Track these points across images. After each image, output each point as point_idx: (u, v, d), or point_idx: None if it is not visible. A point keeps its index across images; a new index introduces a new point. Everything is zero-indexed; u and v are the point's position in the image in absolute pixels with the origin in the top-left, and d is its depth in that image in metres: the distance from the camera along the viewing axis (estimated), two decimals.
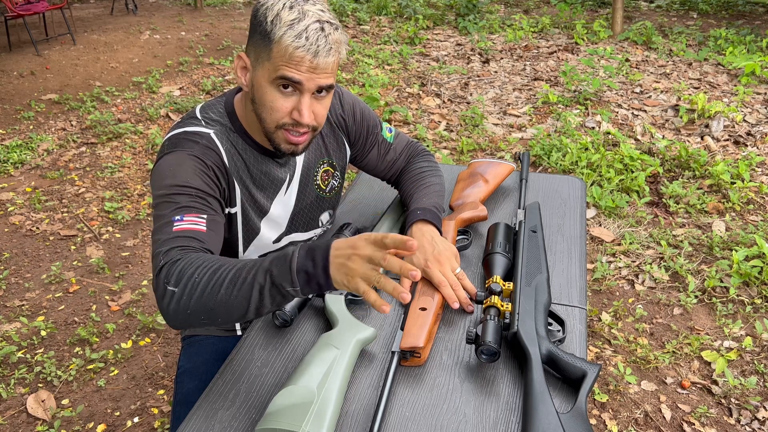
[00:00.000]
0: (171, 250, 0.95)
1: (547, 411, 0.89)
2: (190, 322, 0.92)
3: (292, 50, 1.01)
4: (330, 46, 1.03)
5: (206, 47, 6.18)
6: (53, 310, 2.59)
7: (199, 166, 1.09)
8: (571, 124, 3.99)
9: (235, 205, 1.20)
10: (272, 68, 1.04)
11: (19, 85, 5.20)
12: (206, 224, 1.02)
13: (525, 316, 1.04)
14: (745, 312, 2.41)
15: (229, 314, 0.89)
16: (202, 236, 1.00)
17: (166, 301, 0.91)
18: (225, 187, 1.15)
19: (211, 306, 0.88)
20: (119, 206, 3.34)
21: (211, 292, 0.88)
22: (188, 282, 0.89)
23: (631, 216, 3.05)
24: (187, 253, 0.95)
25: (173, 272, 0.91)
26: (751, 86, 4.62)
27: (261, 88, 1.08)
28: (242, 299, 0.87)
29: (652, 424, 1.97)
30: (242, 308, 0.88)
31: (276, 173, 1.25)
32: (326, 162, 1.35)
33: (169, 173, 1.06)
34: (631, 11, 7.27)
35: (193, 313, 0.90)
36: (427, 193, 1.33)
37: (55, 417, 2.06)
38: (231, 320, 0.90)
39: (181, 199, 1.03)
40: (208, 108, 1.20)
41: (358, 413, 0.97)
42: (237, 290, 0.87)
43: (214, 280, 0.88)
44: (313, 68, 1.03)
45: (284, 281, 0.86)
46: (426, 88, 4.93)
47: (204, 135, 1.14)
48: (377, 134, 1.40)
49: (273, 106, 1.07)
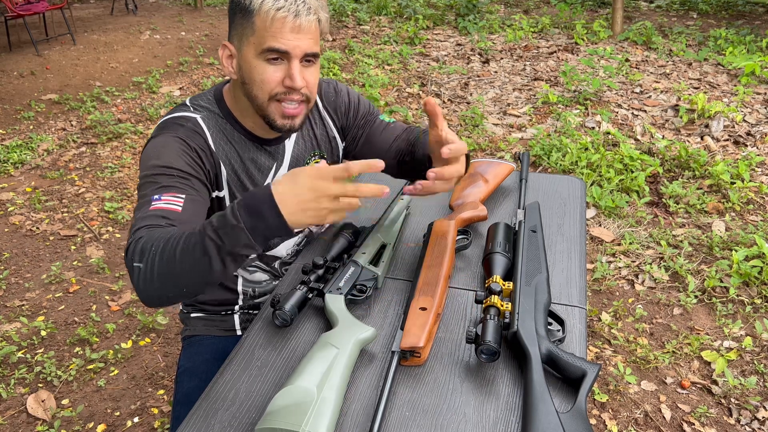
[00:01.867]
0: (139, 229, 0.96)
1: (547, 411, 0.89)
2: (161, 296, 0.93)
3: (274, 13, 1.04)
4: (309, 6, 1.06)
5: (206, 47, 6.18)
6: (53, 310, 2.59)
7: (183, 147, 1.11)
8: (571, 124, 3.99)
9: (222, 188, 1.21)
10: (257, 42, 1.06)
11: (19, 85, 5.20)
12: (183, 204, 1.03)
13: (525, 316, 1.04)
14: (745, 312, 2.41)
15: (188, 281, 0.90)
16: (175, 215, 1.00)
17: (135, 278, 0.92)
18: (210, 169, 1.17)
19: (171, 274, 0.89)
20: (119, 206, 3.34)
21: (169, 261, 0.89)
22: (148, 255, 0.90)
23: (631, 216, 3.05)
24: (152, 229, 0.96)
25: (137, 249, 0.92)
26: (751, 86, 4.62)
27: (249, 66, 1.09)
28: (196, 258, 0.87)
29: (652, 424, 1.97)
30: (197, 269, 0.88)
31: (263, 160, 1.26)
32: (317, 154, 1.35)
33: (154, 155, 1.09)
34: (631, 11, 7.27)
35: (160, 286, 0.91)
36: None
37: (55, 417, 2.06)
38: (193, 287, 0.91)
39: (162, 180, 1.05)
40: (198, 97, 1.23)
41: (358, 413, 0.97)
42: (189, 252, 0.88)
43: (169, 248, 0.89)
44: (296, 30, 1.05)
45: (238, 246, 0.86)
46: (426, 88, 4.93)
47: (190, 119, 1.16)
48: (375, 117, 1.38)
49: (263, 78, 1.09)
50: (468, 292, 1.22)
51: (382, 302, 1.21)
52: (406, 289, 1.24)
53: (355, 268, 1.22)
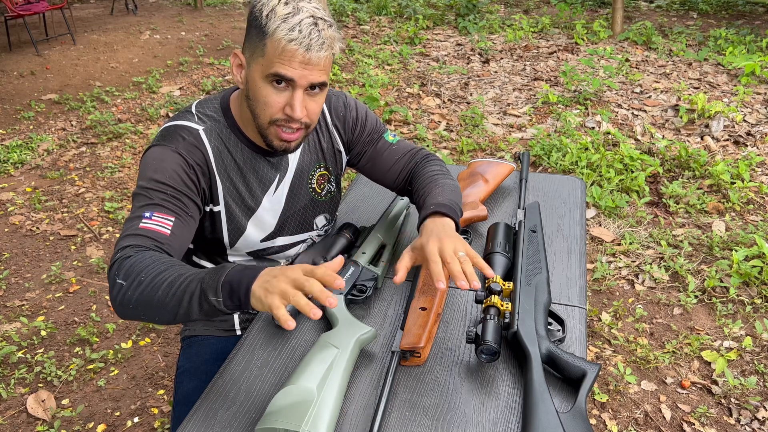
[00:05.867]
0: (127, 247, 1.01)
1: (546, 410, 0.89)
2: (133, 315, 0.98)
3: (285, 43, 1.03)
4: (323, 41, 1.05)
5: (206, 47, 6.18)
6: (53, 310, 2.59)
7: (182, 163, 1.12)
8: (571, 124, 3.99)
9: (218, 203, 1.21)
10: (266, 64, 1.06)
11: (19, 85, 5.20)
12: (172, 227, 1.06)
13: (525, 316, 1.04)
14: (745, 312, 2.41)
15: (162, 314, 0.95)
16: (163, 239, 1.04)
17: (114, 292, 0.98)
18: (205, 186, 1.18)
19: (149, 303, 0.94)
20: (119, 206, 3.34)
21: (151, 292, 0.94)
22: (135, 279, 0.95)
23: (631, 216, 3.05)
24: (140, 251, 1.00)
25: (123, 267, 0.97)
26: (751, 86, 4.62)
27: (255, 85, 1.10)
28: (175, 302, 0.93)
29: (652, 424, 1.97)
30: (173, 311, 0.93)
31: (266, 171, 1.26)
32: (322, 166, 1.35)
33: (152, 166, 1.11)
34: (631, 11, 7.27)
35: (135, 307, 0.96)
36: (443, 191, 1.25)
37: (55, 417, 2.07)
38: (164, 320, 0.97)
39: (156, 195, 1.08)
40: (204, 104, 1.23)
41: (358, 413, 0.97)
42: (172, 294, 0.92)
43: (156, 281, 0.94)
44: (305, 63, 1.05)
45: (209, 290, 0.90)
46: (426, 88, 4.93)
47: (192, 131, 1.16)
48: (380, 136, 1.38)
49: (266, 102, 1.09)
50: (468, 292, 1.22)
51: (382, 302, 1.21)
52: (406, 289, 1.24)
53: (355, 268, 1.22)
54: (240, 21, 7.22)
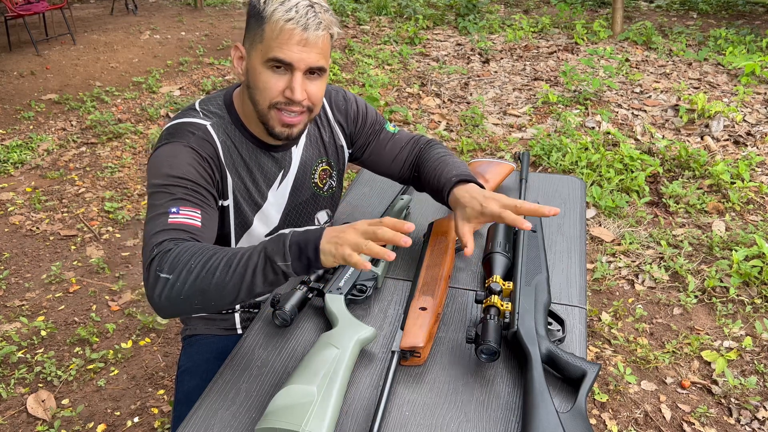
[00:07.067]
0: (164, 241, 0.98)
1: (546, 410, 0.89)
2: (182, 308, 0.96)
3: (283, 23, 1.04)
4: (320, 21, 1.07)
5: (206, 47, 6.18)
6: (53, 310, 2.59)
7: (196, 157, 1.11)
8: (571, 124, 3.99)
9: (228, 197, 1.21)
10: (264, 50, 1.07)
11: (19, 85, 5.20)
12: (201, 219, 1.05)
13: (525, 316, 1.04)
14: (745, 312, 2.41)
15: (222, 297, 0.93)
16: (196, 231, 1.03)
17: (158, 289, 0.94)
18: (218, 179, 1.17)
19: (205, 289, 0.92)
20: (119, 206, 3.34)
21: (207, 276, 0.92)
22: (184, 268, 0.93)
23: (631, 216, 3.05)
24: (180, 243, 0.98)
25: (166, 260, 0.94)
26: (751, 86, 4.62)
27: (254, 71, 1.10)
28: (237, 280, 0.92)
29: (652, 424, 1.97)
30: (235, 289, 0.92)
31: (270, 166, 1.26)
32: (324, 161, 1.35)
33: (166, 163, 1.09)
34: (631, 11, 7.27)
35: (186, 298, 0.94)
36: (456, 166, 1.27)
37: (55, 417, 2.07)
38: (223, 303, 0.94)
39: (177, 191, 1.06)
40: (208, 101, 1.23)
41: (358, 413, 0.97)
42: (232, 272, 0.92)
43: (210, 265, 0.92)
44: (303, 43, 1.06)
45: (276, 255, 0.91)
46: (426, 88, 4.93)
47: (200, 126, 1.16)
48: (381, 128, 1.40)
49: (266, 86, 1.10)
50: (468, 292, 1.22)
51: (382, 302, 1.21)
52: (406, 289, 1.24)
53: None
54: (240, 21, 7.22)
